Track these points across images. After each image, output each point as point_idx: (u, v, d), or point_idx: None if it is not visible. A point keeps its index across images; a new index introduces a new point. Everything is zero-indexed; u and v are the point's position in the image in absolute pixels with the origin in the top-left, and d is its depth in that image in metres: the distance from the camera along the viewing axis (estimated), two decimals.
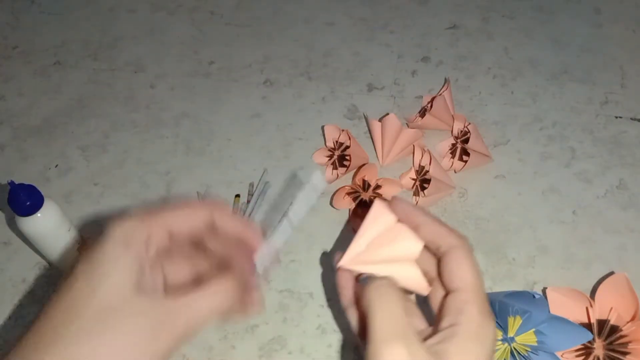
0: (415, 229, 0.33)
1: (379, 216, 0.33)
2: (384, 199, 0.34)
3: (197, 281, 0.32)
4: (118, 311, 0.27)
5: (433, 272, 0.34)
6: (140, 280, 0.29)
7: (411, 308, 0.34)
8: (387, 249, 0.32)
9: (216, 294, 0.30)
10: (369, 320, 0.29)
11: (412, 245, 0.32)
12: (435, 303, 0.33)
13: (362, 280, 0.33)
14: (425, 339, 0.30)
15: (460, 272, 0.31)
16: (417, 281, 0.33)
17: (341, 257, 0.34)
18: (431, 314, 0.34)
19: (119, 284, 0.28)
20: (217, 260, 0.35)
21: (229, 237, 0.33)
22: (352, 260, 0.34)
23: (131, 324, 0.27)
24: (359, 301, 0.33)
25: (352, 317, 0.34)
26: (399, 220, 0.33)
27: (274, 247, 0.35)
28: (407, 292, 0.34)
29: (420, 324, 0.34)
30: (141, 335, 0.27)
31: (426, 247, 0.33)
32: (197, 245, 0.35)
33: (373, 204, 0.34)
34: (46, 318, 0.28)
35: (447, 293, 0.31)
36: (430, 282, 0.34)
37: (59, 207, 0.54)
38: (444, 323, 0.30)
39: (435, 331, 0.30)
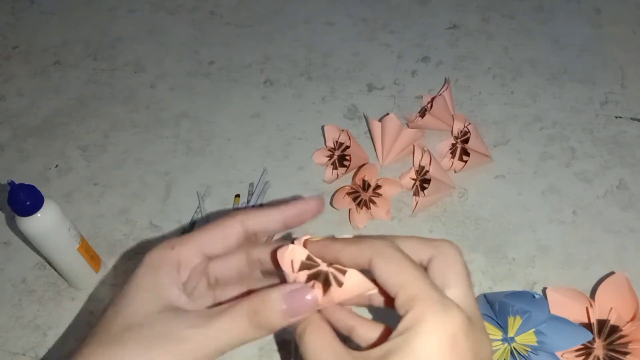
0: (336, 260, 0.31)
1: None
2: (285, 243, 0.31)
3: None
4: (141, 327, 0.28)
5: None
6: (170, 300, 0.29)
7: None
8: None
9: (233, 323, 0.29)
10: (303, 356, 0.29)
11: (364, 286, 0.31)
12: (364, 339, 0.31)
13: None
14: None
15: (390, 278, 0.28)
16: (362, 284, 0.31)
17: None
18: None
19: (144, 304, 0.28)
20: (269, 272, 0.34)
21: (271, 234, 0.33)
22: None
23: (150, 337, 0.27)
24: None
25: None
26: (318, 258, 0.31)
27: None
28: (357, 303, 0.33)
29: None
30: (158, 349, 0.27)
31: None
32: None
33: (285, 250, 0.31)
34: (77, 349, 0.28)
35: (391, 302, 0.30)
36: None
37: (59, 207, 0.54)
38: (399, 325, 0.27)
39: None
